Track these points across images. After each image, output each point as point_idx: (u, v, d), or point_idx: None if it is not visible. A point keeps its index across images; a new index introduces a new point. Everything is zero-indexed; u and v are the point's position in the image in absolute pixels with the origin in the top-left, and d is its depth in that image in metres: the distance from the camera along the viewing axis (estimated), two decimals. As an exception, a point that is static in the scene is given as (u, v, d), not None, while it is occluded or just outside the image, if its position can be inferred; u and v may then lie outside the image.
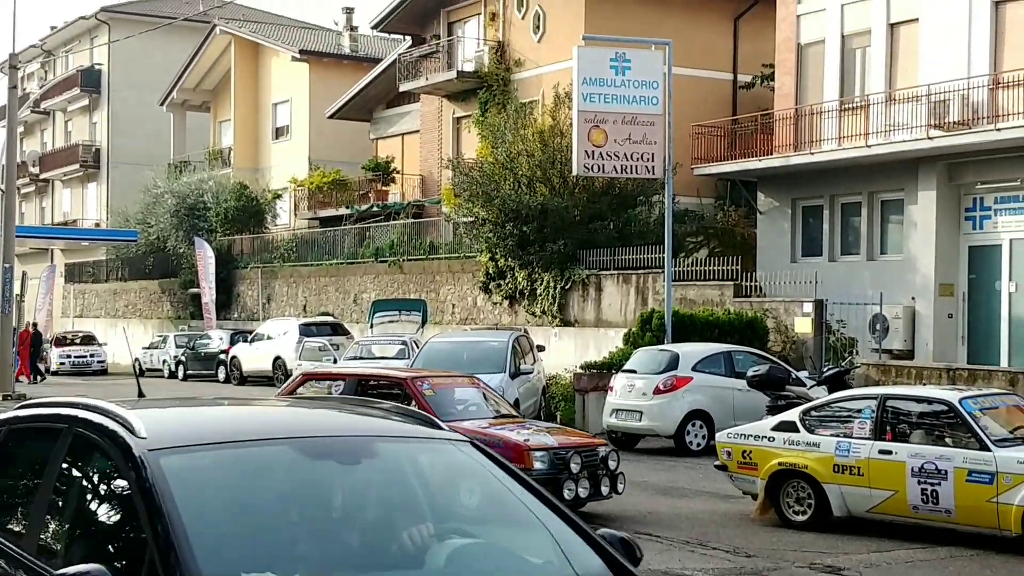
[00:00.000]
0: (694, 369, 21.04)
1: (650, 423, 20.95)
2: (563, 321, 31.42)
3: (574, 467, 13.26)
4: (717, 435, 15.32)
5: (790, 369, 20.84)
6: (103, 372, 46.26)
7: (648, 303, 28.75)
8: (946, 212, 26.31)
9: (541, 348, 27.43)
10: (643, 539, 12.52)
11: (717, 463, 14.60)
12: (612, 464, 13.82)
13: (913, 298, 26.43)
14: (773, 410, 15.90)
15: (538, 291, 31.96)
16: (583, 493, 13.35)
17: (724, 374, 21.10)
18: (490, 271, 33.53)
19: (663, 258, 25.88)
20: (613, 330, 29.20)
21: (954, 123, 25.13)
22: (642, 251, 29.79)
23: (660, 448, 21.23)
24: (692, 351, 21.67)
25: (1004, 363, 24.65)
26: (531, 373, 24.23)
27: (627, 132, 25.03)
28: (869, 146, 26.86)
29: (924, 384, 18.90)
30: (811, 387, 19.24)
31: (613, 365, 23.76)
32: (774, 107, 30.43)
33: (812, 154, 28.37)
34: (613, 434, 21.72)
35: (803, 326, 25.35)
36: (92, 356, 47.44)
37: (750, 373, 18.76)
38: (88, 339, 49.42)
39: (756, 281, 27.72)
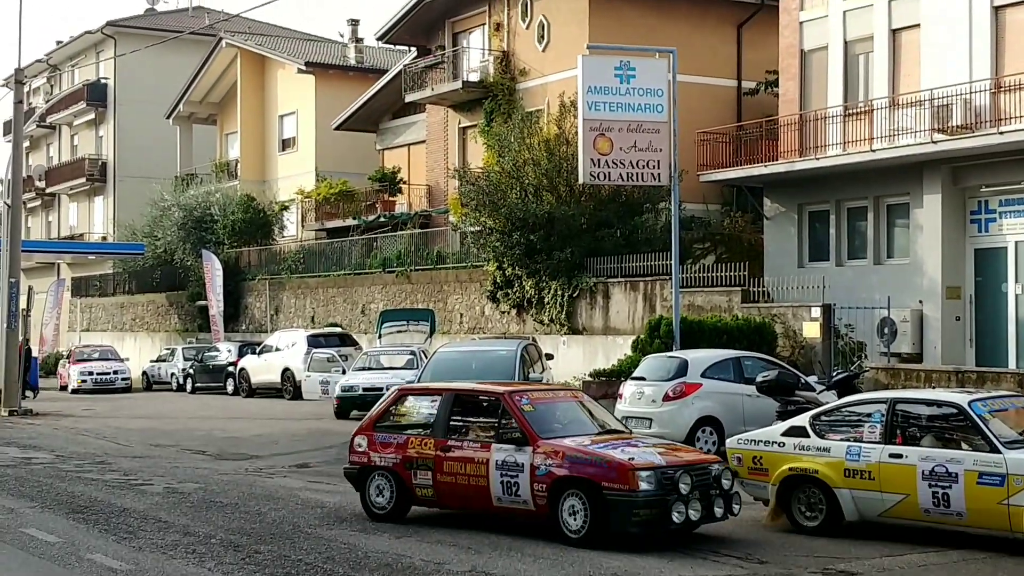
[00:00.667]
0: (703, 375, 21.10)
1: (660, 430, 20.97)
2: (571, 329, 31.51)
3: (683, 487, 12.40)
4: (727, 441, 15.38)
5: (799, 374, 20.91)
6: (127, 390, 43.88)
7: (656, 310, 28.85)
8: (951, 215, 26.41)
9: (550, 356, 27.55)
10: (656, 548, 12.59)
11: (728, 469, 14.69)
12: (726, 483, 12.99)
13: (920, 301, 26.52)
14: (783, 415, 16.00)
15: (546, 299, 32.06)
16: (694, 516, 12.51)
17: (733, 380, 21.16)
18: (497, 280, 33.63)
19: (670, 265, 25.96)
20: (621, 337, 29.29)
21: (957, 127, 25.24)
22: (649, 258, 29.88)
23: (670, 454, 21.26)
24: (701, 357, 21.73)
25: (1012, 365, 24.74)
26: (540, 381, 24.32)
27: (632, 140, 25.15)
28: (874, 151, 26.96)
29: (933, 387, 18.98)
30: (820, 392, 19.30)
31: (622, 372, 23.85)
32: (779, 113, 30.55)
33: (817, 159, 28.48)
34: (623, 441, 21.80)
35: (811, 331, 25.42)
36: (116, 373, 44.57)
37: (759, 379, 18.82)
38: (108, 353, 46.99)
39: (764, 286, 27.81)
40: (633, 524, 12.23)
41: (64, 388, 45.03)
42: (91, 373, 44.09)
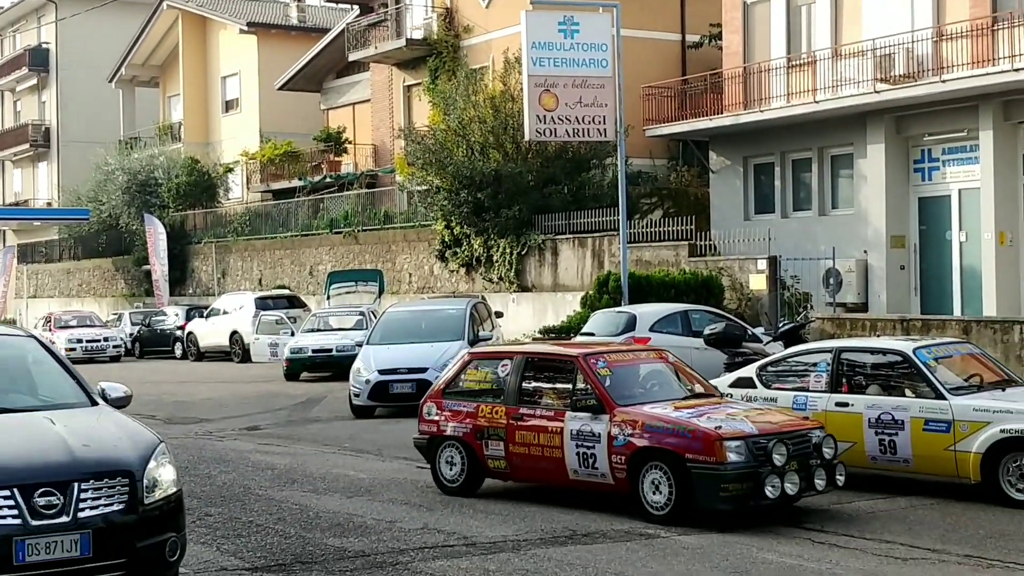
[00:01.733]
0: (652, 330, 21.18)
1: (610, 384, 21.05)
2: (520, 287, 31.53)
3: (778, 459, 11.18)
4: (677, 394, 15.42)
5: (746, 326, 21.04)
6: (116, 359, 40.68)
7: (604, 266, 28.91)
8: (895, 165, 26.58)
9: (499, 314, 27.56)
10: (605, 500, 12.65)
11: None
12: (828, 452, 11.72)
13: (865, 251, 26.72)
14: (730, 367, 16.07)
15: (494, 257, 32.04)
16: (791, 490, 11.23)
17: (681, 333, 21.25)
18: (446, 239, 33.56)
19: (618, 220, 26.00)
20: (570, 294, 29.35)
21: (900, 76, 25.36)
22: (597, 214, 29.92)
23: (621, 409, 21.36)
24: (649, 312, 21.82)
25: (957, 312, 24.99)
26: (490, 339, 24.32)
27: (578, 95, 25.09)
28: (817, 102, 27.06)
29: (878, 336, 19.13)
30: (767, 343, 19.45)
31: (571, 328, 23.91)
32: (723, 66, 30.58)
33: (762, 112, 28.55)
34: (573, 397, 21.87)
35: (758, 283, 25.58)
36: (107, 340, 41.20)
37: (707, 331, 18.92)
38: (90, 319, 43.79)
39: (710, 240, 27.94)
40: (721, 500, 11.06)
41: None
42: (80, 341, 40.62)
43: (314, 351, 29.47)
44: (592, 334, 21.61)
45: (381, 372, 21.91)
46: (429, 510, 12.41)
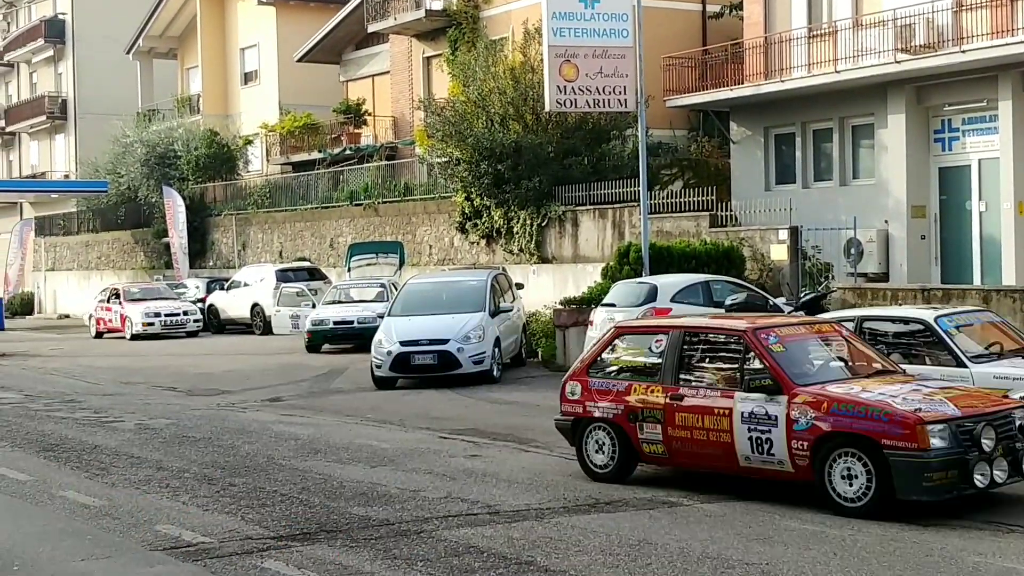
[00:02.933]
0: (673, 300, 21.19)
1: (630, 355, 21.09)
2: (541, 258, 31.55)
3: (986, 443, 10.20)
4: (698, 364, 15.46)
5: (767, 296, 21.06)
6: (195, 334, 37.71)
7: (625, 237, 28.90)
8: (915, 135, 26.49)
9: (520, 286, 27.62)
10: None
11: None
12: None
13: (886, 221, 26.66)
14: (752, 337, 16.06)
15: (515, 229, 32.04)
16: (999, 477, 10.31)
17: (703, 304, 21.25)
18: (466, 211, 33.57)
19: (638, 191, 25.96)
20: (591, 265, 29.36)
21: (920, 46, 25.24)
22: (617, 185, 29.88)
23: (641, 379, 21.41)
24: (670, 282, 21.84)
25: (977, 281, 24.96)
26: (511, 311, 24.42)
27: (598, 66, 25.01)
28: (838, 72, 26.96)
29: (900, 305, 19.13)
30: (788, 313, 19.45)
31: (592, 300, 23.94)
32: (744, 36, 30.45)
33: (783, 82, 28.45)
34: (594, 367, 21.92)
35: (779, 253, 25.55)
36: (187, 315, 37.98)
37: (728, 302, 18.97)
38: (161, 292, 40.14)
39: (731, 211, 27.89)
40: (924, 490, 10.06)
41: (100, 335, 39.37)
42: (158, 315, 37.54)
43: (335, 323, 29.58)
44: (613, 305, 21.67)
45: (402, 344, 22.02)
46: (452, 479, 12.50)
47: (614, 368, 12.54)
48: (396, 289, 27.85)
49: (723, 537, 9.74)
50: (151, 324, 37.24)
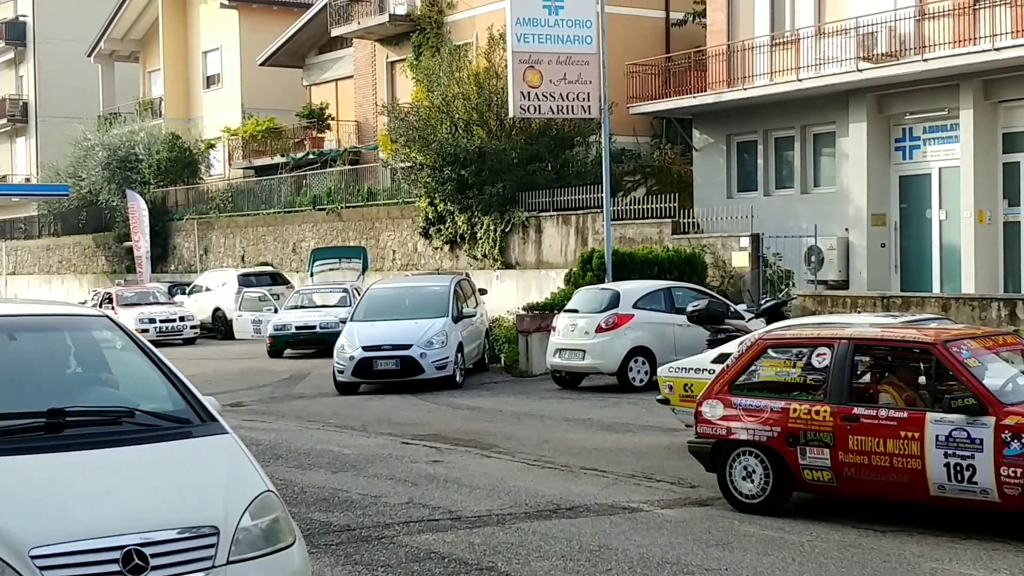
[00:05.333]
0: (635, 306, 21.32)
1: (593, 361, 21.22)
2: (504, 264, 31.59)
3: None
4: (658, 370, 15.56)
5: (729, 303, 21.14)
6: (192, 341, 35.71)
7: (588, 243, 28.99)
8: (877, 143, 26.69)
9: (483, 291, 27.65)
10: (589, 474, 12.82)
11: (659, 397, 14.88)
12: None
13: (847, 229, 26.85)
14: (713, 344, 16.17)
15: (478, 235, 32.08)
16: None
17: (664, 310, 21.39)
18: (429, 216, 33.58)
19: (602, 198, 26.07)
20: (554, 271, 29.43)
21: (882, 55, 25.44)
22: (581, 192, 29.98)
23: (604, 385, 21.53)
24: (632, 289, 21.93)
25: (936, 289, 25.16)
26: (474, 316, 24.44)
27: (562, 72, 25.13)
28: (800, 80, 27.13)
29: (859, 312, 19.26)
30: (749, 320, 19.56)
31: (555, 305, 23.99)
32: (707, 44, 30.60)
33: (745, 90, 28.61)
34: (557, 373, 22.01)
35: (740, 260, 25.71)
36: (183, 320, 35.83)
37: (690, 308, 19.00)
38: (154, 295, 38.15)
39: (693, 218, 28.03)
40: None
41: None
42: (152, 321, 35.15)
43: (297, 328, 29.53)
44: (576, 311, 21.74)
45: (365, 349, 21.99)
46: (414, 485, 12.50)
47: (764, 384, 11.35)
48: (359, 294, 27.83)
49: (683, 543, 9.79)
50: (145, 331, 33.74)
